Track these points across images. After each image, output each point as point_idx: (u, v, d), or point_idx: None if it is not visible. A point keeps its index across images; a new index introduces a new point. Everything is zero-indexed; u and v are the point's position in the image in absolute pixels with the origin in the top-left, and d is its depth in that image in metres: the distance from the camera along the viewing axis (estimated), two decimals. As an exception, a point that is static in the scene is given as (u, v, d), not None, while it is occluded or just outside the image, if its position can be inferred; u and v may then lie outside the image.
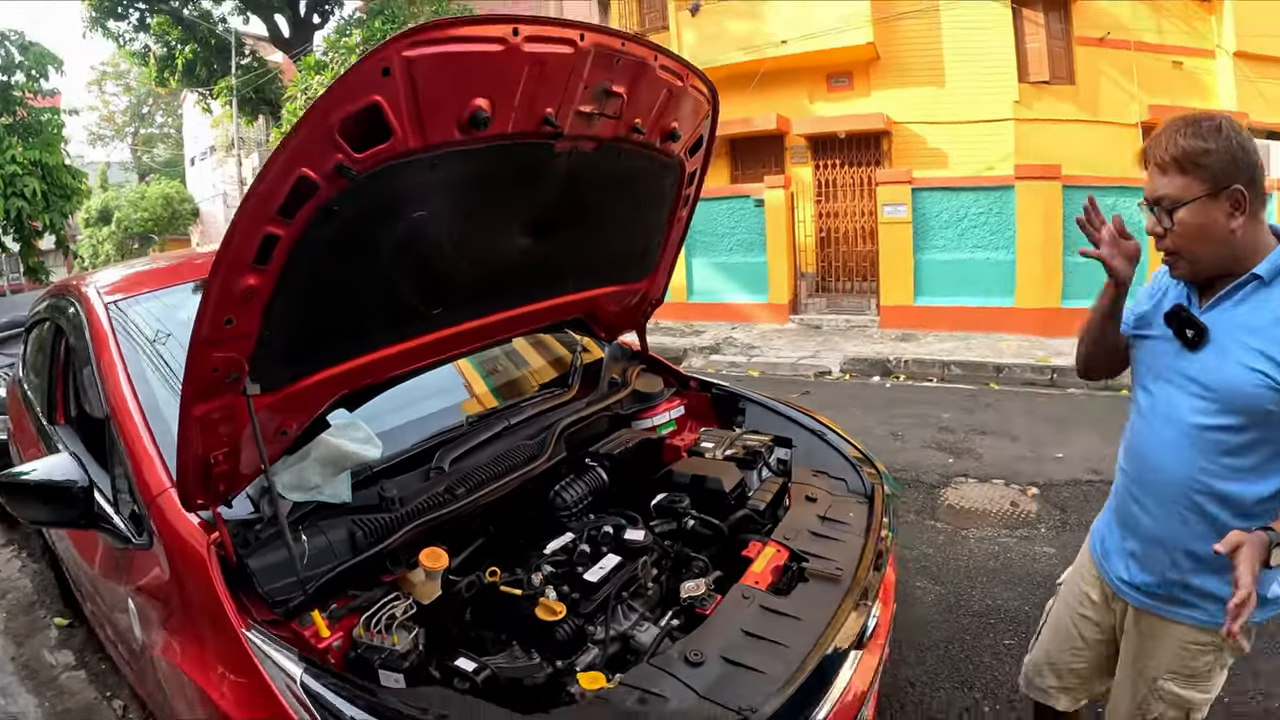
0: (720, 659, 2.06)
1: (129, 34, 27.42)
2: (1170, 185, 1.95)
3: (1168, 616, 2.16)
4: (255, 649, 1.90)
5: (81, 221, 39.40)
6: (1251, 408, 1.90)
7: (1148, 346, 2.20)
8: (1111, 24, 16.28)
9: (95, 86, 53.13)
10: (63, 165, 14.07)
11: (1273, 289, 1.94)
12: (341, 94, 1.73)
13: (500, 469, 2.76)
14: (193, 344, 1.83)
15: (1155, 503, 2.12)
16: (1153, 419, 2.13)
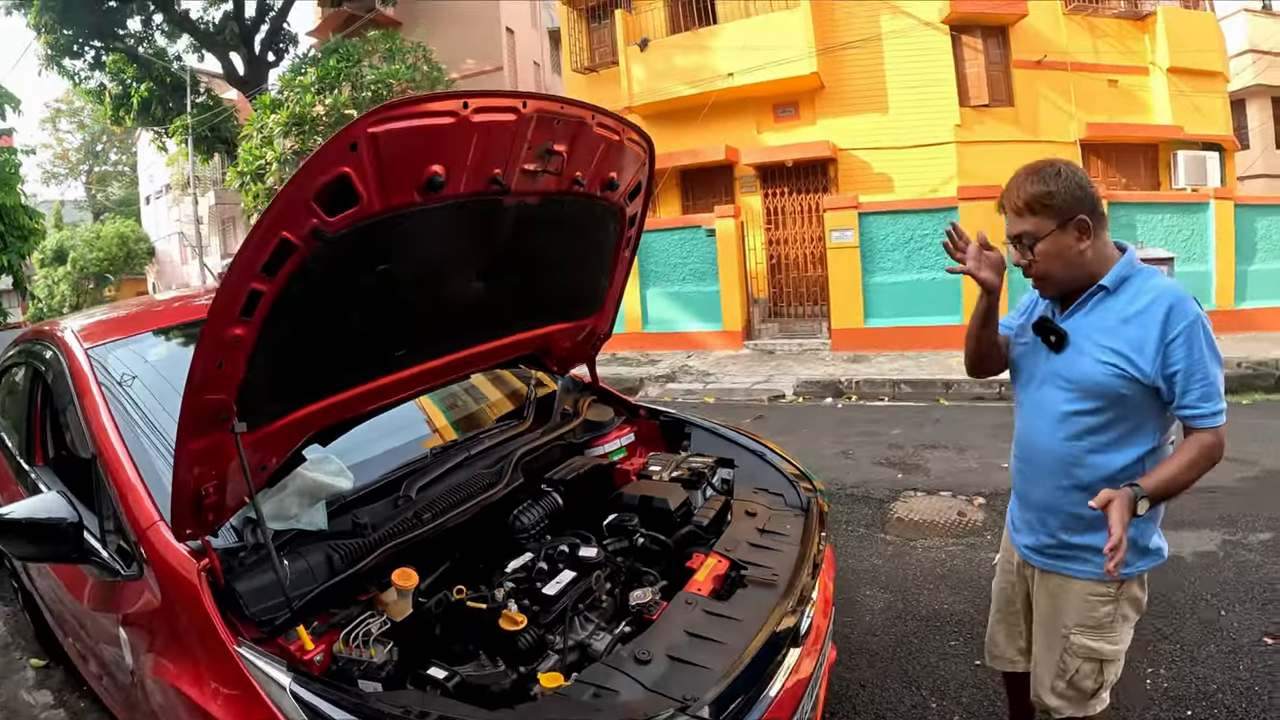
0: (666, 657, 2.29)
1: (84, 72, 27.44)
2: (1026, 224, 2.35)
3: (1067, 574, 2.53)
4: (247, 663, 2.08)
5: (37, 261, 38.94)
6: (1106, 393, 2.35)
7: (1023, 353, 2.64)
8: (1048, 47, 16.94)
9: (49, 124, 52.87)
10: (20, 205, 13.99)
11: (1116, 296, 2.39)
12: (316, 167, 1.98)
13: (462, 496, 2.98)
14: (188, 387, 2.04)
15: (1041, 477, 2.55)
16: (1032, 411, 2.58)
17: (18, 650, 5.07)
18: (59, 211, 45.95)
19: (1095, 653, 2.51)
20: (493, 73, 26.72)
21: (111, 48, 26.81)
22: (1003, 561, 2.92)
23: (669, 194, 19.45)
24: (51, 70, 26.49)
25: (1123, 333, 2.33)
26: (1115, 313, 2.37)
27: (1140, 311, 2.32)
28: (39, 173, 54.01)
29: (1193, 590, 4.63)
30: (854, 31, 17.23)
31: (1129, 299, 2.36)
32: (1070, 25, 17.13)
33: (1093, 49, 17.24)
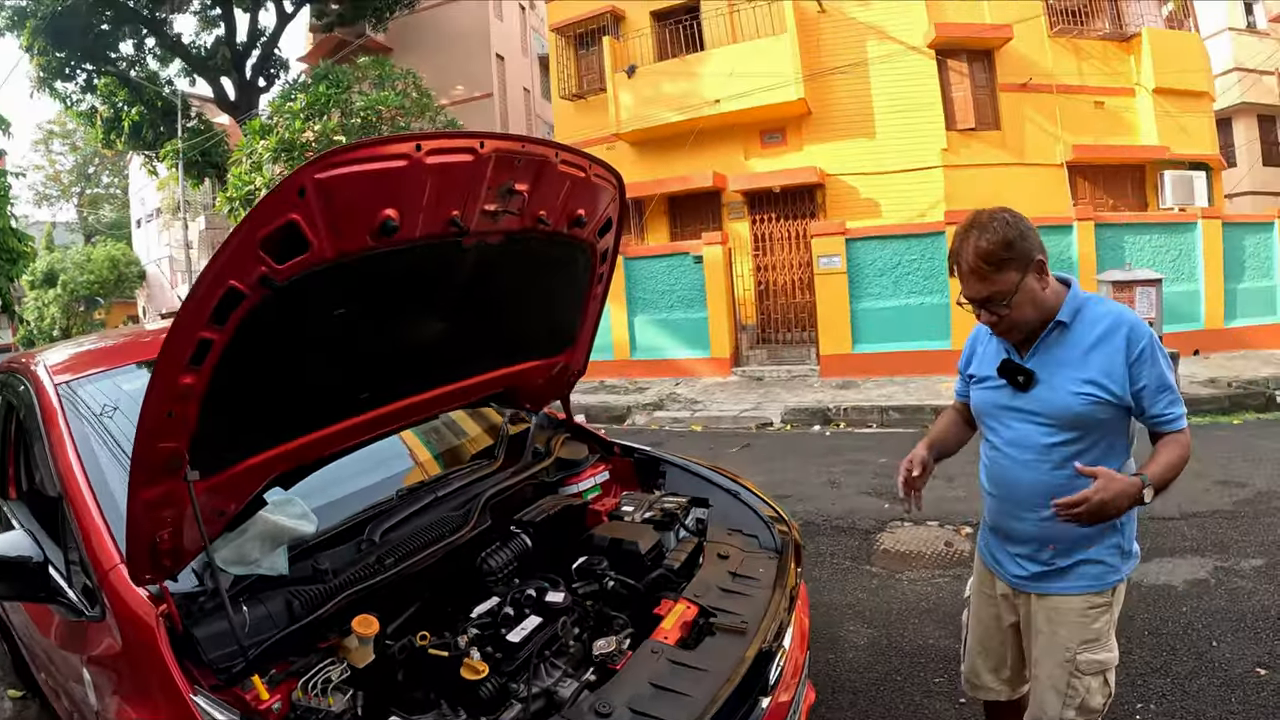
0: (628, 710, 2.23)
1: (76, 94, 27.45)
2: (995, 285, 2.39)
3: (1066, 593, 2.55)
4: (201, 711, 2.05)
5: (26, 284, 38.85)
6: (1085, 421, 2.43)
7: (986, 394, 2.69)
8: (1033, 69, 17.02)
9: (42, 145, 52.97)
10: (9, 229, 14.03)
11: (1073, 328, 2.47)
12: (262, 214, 1.95)
13: (427, 539, 2.93)
14: (138, 435, 2.01)
15: (1026, 510, 2.57)
16: (1007, 448, 2.60)
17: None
18: (50, 233, 45.92)
19: (1101, 664, 2.55)
20: (482, 99, 26.87)
21: (103, 71, 26.85)
22: (978, 592, 2.93)
23: (657, 221, 19.50)
24: (43, 92, 26.48)
25: (1091, 361, 2.42)
26: (1076, 344, 2.46)
27: (1100, 338, 2.42)
28: (31, 194, 54.11)
29: (1184, 621, 4.55)
30: (840, 57, 17.35)
31: (1086, 328, 2.45)
32: (1055, 48, 17.23)
33: (1078, 71, 17.33)
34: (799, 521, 6.56)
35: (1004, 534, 2.71)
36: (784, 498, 7.37)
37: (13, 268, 14.19)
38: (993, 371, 2.62)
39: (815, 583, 5.47)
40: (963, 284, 2.47)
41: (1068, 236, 13.31)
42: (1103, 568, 2.53)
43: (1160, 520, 5.95)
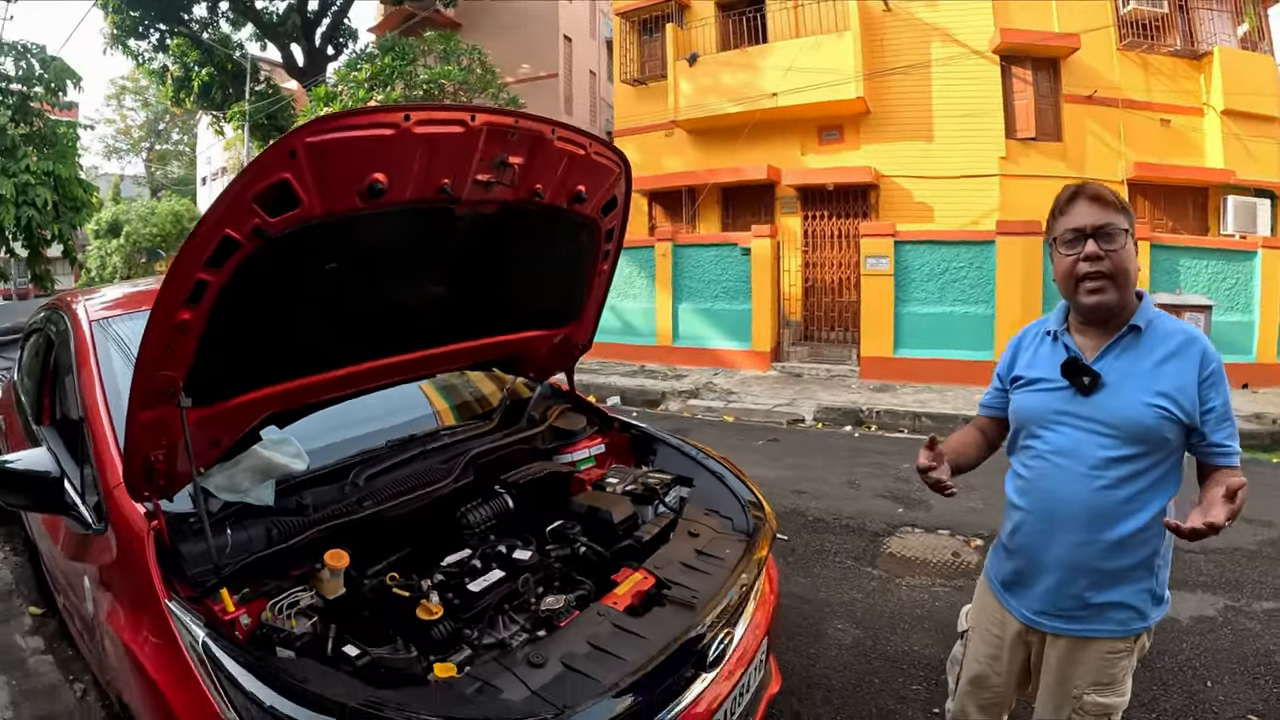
0: (560, 664, 2.35)
1: (148, 53, 28.03)
2: (1115, 217, 2.23)
3: (1087, 635, 2.37)
4: (173, 616, 2.27)
5: (91, 233, 39.89)
6: (1152, 437, 2.22)
7: (1037, 397, 2.44)
8: (1099, 82, 16.61)
9: (114, 100, 54.14)
10: (75, 178, 14.34)
11: (1146, 335, 2.29)
12: (256, 172, 2.11)
13: (408, 487, 3.09)
14: (138, 363, 2.22)
15: (1069, 532, 2.33)
16: (1055, 457, 2.36)
17: (19, 598, 5.40)
18: (117, 186, 46.89)
19: (1107, 709, 2.42)
20: (547, 79, 26.93)
21: (176, 31, 27.36)
22: (980, 629, 2.71)
23: (709, 210, 19.53)
24: (116, 49, 27.09)
25: (1163, 374, 2.24)
26: (1148, 354, 2.28)
27: (1174, 352, 2.26)
28: (101, 146, 55.53)
29: (1182, 657, 4.38)
30: (903, 57, 17.16)
31: (1158, 340, 2.29)
32: (1123, 61, 16.79)
33: (1145, 87, 16.85)
34: (810, 518, 6.72)
35: (1031, 560, 2.45)
36: (800, 493, 7.50)
37: (76, 215, 14.50)
38: (1049, 372, 2.40)
39: (813, 578, 5.51)
40: (1073, 215, 2.28)
41: None
42: (1130, 613, 2.35)
43: (1176, 552, 5.67)
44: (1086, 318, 2.37)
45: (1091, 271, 2.24)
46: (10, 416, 5.33)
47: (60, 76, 14.07)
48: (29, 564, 5.54)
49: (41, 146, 13.94)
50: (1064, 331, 2.43)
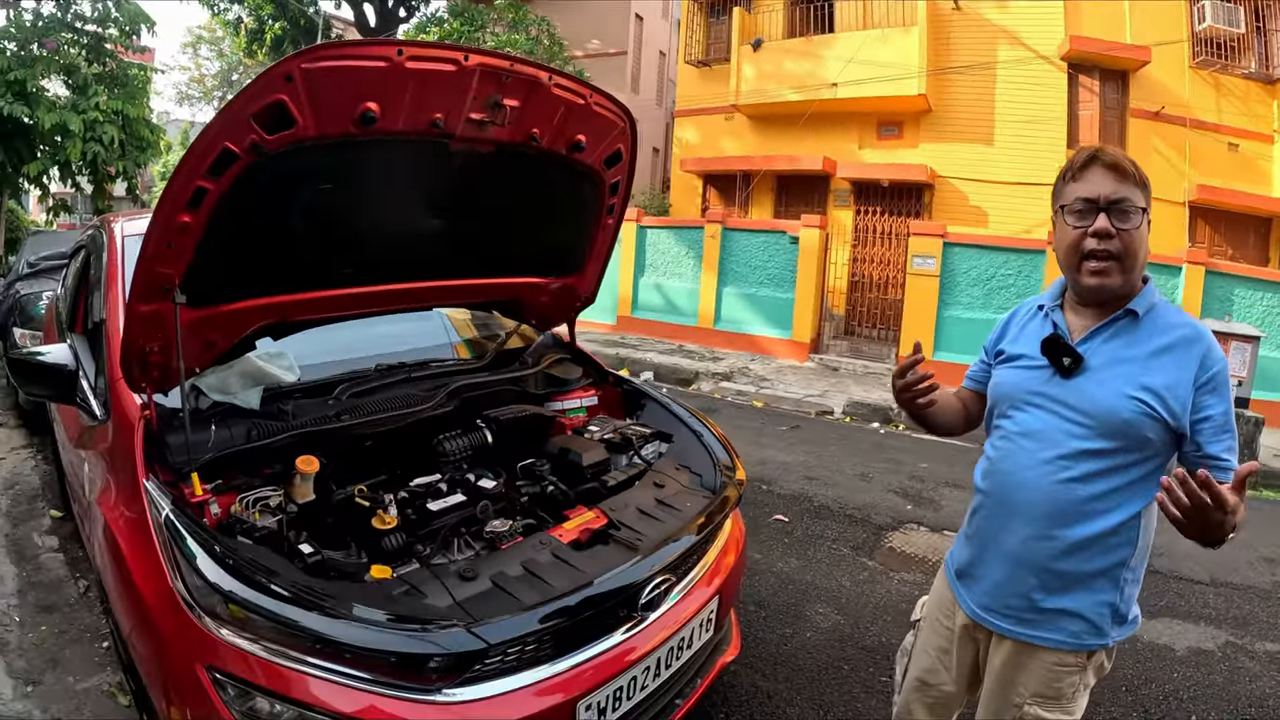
0: (489, 581, 2.48)
1: (224, 3, 28.44)
2: (1132, 192, 2.02)
3: (1033, 642, 2.18)
4: (146, 492, 2.48)
5: (157, 174, 40.73)
6: (1128, 433, 2.02)
7: (1014, 374, 2.28)
8: (1168, 98, 16.22)
9: (191, 48, 55.05)
10: (143, 119, 14.69)
11: (1143, 323, 2.09)
12: (254, 91, 2.26)
13: (385, 407, 3.23)
14: (139, 258, 2.42)
15: (1022, 522, 2.16)
16: (1021, 441, 2.19)
17: (43, 501, 5.86)
18: (187, 131, 47.52)
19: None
20: (616, 56, 26.99)
21: None
22: (932, 619, 2.56)
23: (762, 196, 19.54)
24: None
25: (1155, 368, 2.04)
26: (1142, 343, 2.08)
27: (1170, 346, 2.05)
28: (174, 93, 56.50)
29: (1170, 687, 4.25)
30: (968, 57, 16.98)
31: (1156, 330, 2.09)
32: (1194, 80, 16.32)
33: (1215, 108, 16.37)
34: (815, 504, 6.79)
35: (984, 548, 2.29)
36: (811, 479, 7.58)
37: (142, 155, 14.87)
38: (1031, 349, 2.23)
39: (805, 561, 5.57)
40: (1087, 181, 2.06)
41: (1175, 278, 12.64)
42: (1084, 626, 2.14)
43: (1187, 582, 5.69)
44: (1083, 298, 2.18)
45: (1099, 250, 2.04)
46: (50, 330, 5.77)
47: (134, 20, 14.41)
48: (56, 471, 5.89)
49: (113, 87, 14.28)
50: (1055, 308, 2.26)
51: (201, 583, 2.21)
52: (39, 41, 13.09)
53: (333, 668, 2.14)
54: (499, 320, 4.56)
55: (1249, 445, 9.38)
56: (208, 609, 2.22)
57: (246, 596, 2.14)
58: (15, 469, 6.64)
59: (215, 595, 2.19)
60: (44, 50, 13.02)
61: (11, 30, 13.33)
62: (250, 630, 2.18)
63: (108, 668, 3.75)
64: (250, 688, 2.14)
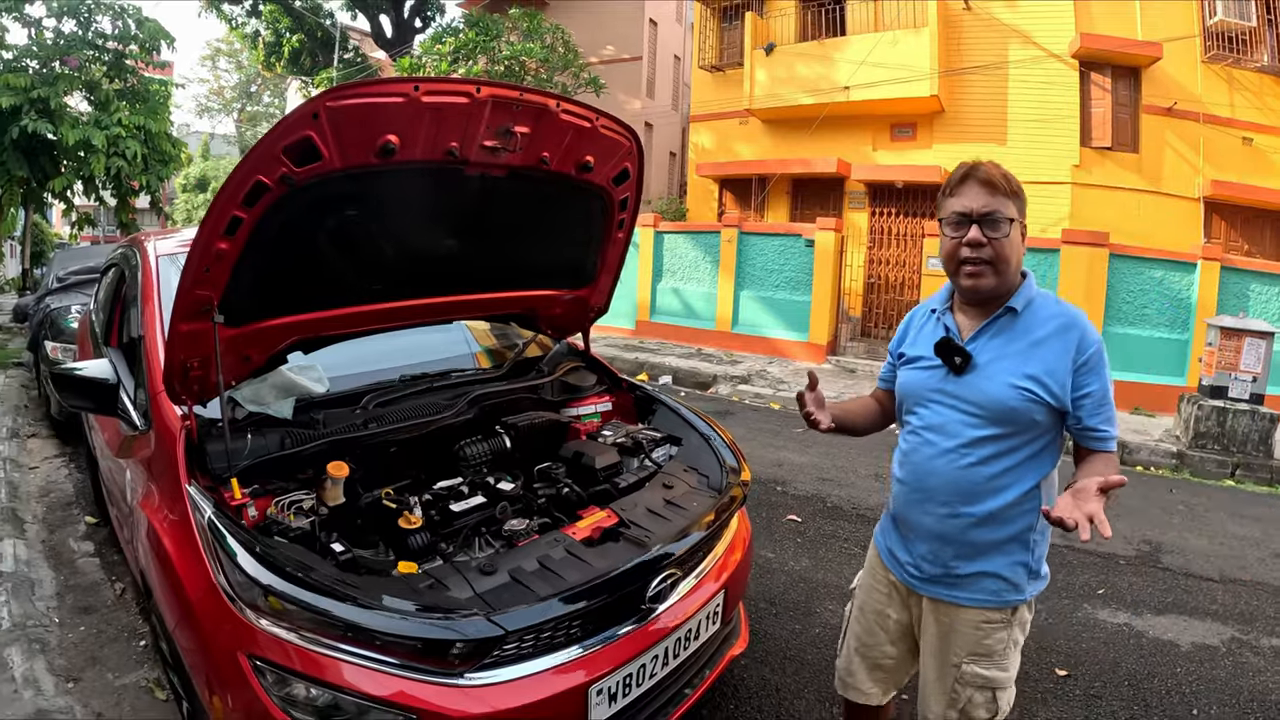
0: (507, 574, 2.69)
1: (241, 18, 28.96)
2: (1003, 204, 2.24)
3: (960, 602, 2.41)
4: (189, 497, 2.68)
5: (179, 186, 41.44)
6: (1017, 418, 2.26)
7: (915, 375, 2.50)
8: (1180, 94, 16.16)
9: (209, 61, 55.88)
10: (165, 133, 14.97)
11: (1023, 317, 2.32)
12: (283, 129, 2.47)
13: (410, 415, 3.45)
14: (180, 282, 2.64)
15: (936, 505, 2.39)
16: (927, 435, 2.42)
17: (78, 508, 6.11)
18: (207, 143, 48.33)
19: (988, 681, 2.42)
20: (631, 62, 27.09)
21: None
22: (867, 587, 2.78)
23: (778, 200, 19.63)
24: (211, 13, 28.18)
25: (1035, 356, 2.26)
26: (1023, 335, 2.31)
27: (1050, 335, 2.27)
28: (193, 105, 57.69)
29: (1172, 681, 4.31)
30: (980, 57, 17.00)
31: (1036, 322, 2.30)
32: (1207, 74, 16.20)
33: (1228, 102, 16.25)
34: (828, 504, 6.91)
35: (906, 527, 2.54)
36: (825, 480, 7.68)
37: (164, 168, 15.12)
38: (927, 350, 2.45)
39: (816, 560, 5.68)
40: (962, 197, 2.29)
41: (1189, 275, 12.64)
42: (1003, 584, 2.37)
43: (1196, 579, 5.76)
44: (966, 298, 2.42)
45: (972, 256, 2.27)
46: (84, 345, 6.01)
47: (154, 36, 14.70)
48: (90, 479, 6.08)
49: (134, 102, 14.59)
50: (946, 311, 2.49)
51: (243, 578, 2.40)
52: (61, 59, 13.36)
53: (363, 654, 2.32)
54: (516, 330, 4.76)
55: (1264, 442, 9.51)
56: (249, 602, 2.41)
57: (285, 589, 2.32)
58: (49, 477, 6.92)
59: (256, 589, 2.37)
60: (66, 68, 13.31)
61: (34, 49, 13.66)
62: (288, 620, 2.36)
63: (145, 664, 3.95)
64: (288, 673, 2.32)
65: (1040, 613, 4.97)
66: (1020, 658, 2.52)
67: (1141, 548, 6.34)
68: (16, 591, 4.47)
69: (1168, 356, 12.65)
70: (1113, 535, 2.20)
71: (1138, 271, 12.84)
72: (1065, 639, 4.69)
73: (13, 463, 6.88)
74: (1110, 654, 4.56)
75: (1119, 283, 12.86)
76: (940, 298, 2.55)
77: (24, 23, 14.17)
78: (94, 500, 5.95)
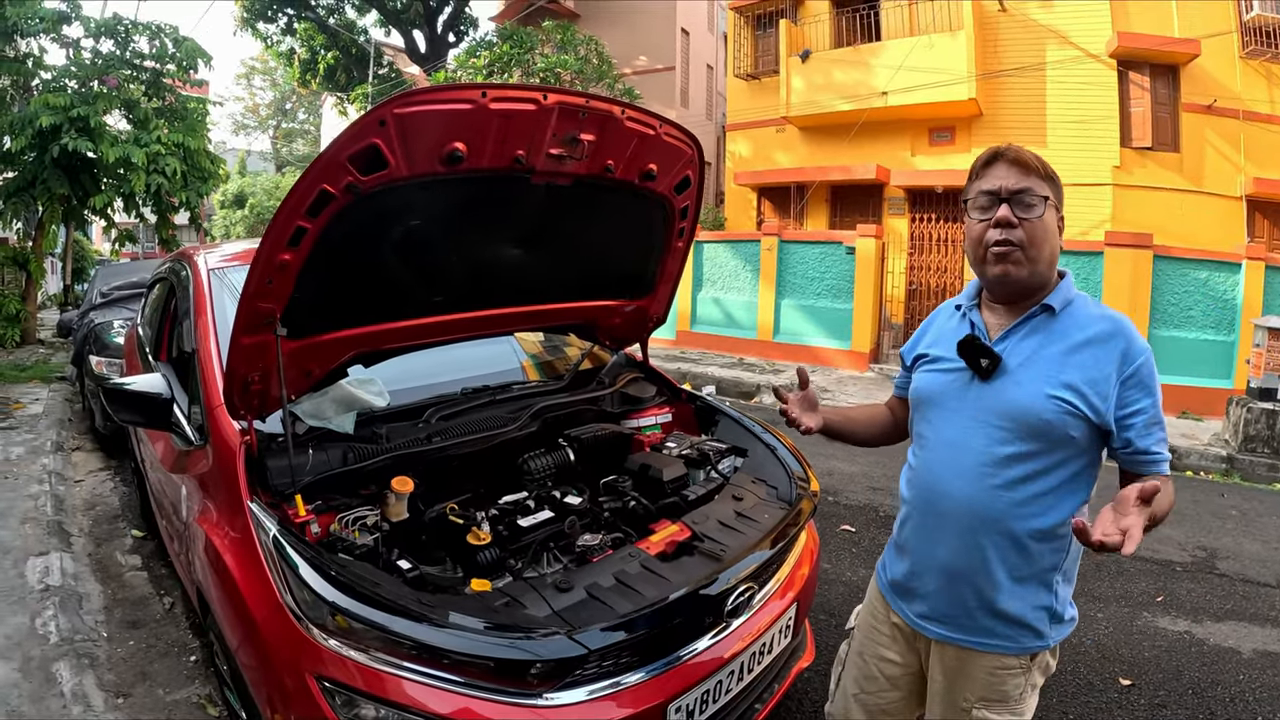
0: (584, 591, 2.60)
1: (276, 36, 29.44)
2: (1035, 183, 1.96)
3: (973, 648, 2.12)
4: (252, 514, 2.64)
5: (217, 202, 42.00)
6: (1052, 433, 1.95)
7: (933, 378, 2.22)
8: (1220, 91, 15.97)
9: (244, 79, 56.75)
10: (203, 150, 15.10)
11: (1060, 319, 2.02)
12: (350, 137, 2.42)
13: (473, 429, 3.38)
14: (243, 294, 2.59)
15: (952, 534, 2.09)
16: (943, 450, 2.13)
17: (124, 521, 6.12)
18: (244, 160, 48.90)
19: None
20: (664, 71, 27.15)
21: (303, 16, 28.92)
22: (866, 625, 2.49)
23: (817, 207, 19.57)
24: (246, 31, 28.66)
25: (1074, 364, 1.97)
26: (1060, 339, 2.01)
27: (1090, 341, 1.98)
28: (230, 122, 58.84)
29: (1236, 689, 4.20)
30: (1016, 59, 16.92)
31: (1075, 325, 2.01)
32: (1246, 70, 15.99)
33: (1268, 98, 16.00)
34: (881, 514, 6.85)
35: (914, 558, 2.23)
36: (876, 490, 7.65)
37: (203, 185, 15.24)
38: (949, 351, 2.15)
39: (871, 570, 5.49)
40: (987, 178, 2.03)
41: (1234, 275, 12.34)
42: (1022, 630, 2.07)
43: (1253, 585, 5.66)
44: (994, 292, 2.12)
45: (1001, 238, 1.98)
46: (132, 359, 5.99)
47: (191, 55, 14.81)
48: (136, 492, 6.17)
49: (172, 120, 14.70)
50: (973, 307, 2.19)
51: (310, 597, 2.34)
52: (100, 79, 13.49)
53: (437, 674, 2.25)
54: (565, 341, 4.73)
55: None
56: (316, 621, 2.36)
57: (357, 609, 2.27)
58: (95, 490, 6.97)
59: (324, 608, 2.32)
60: (105, 87, 13.43)
61: (72, 69, 13.83)
62: (358, 640, 2.30)
63: (196, 680, 3.92)
64: (358, 695, 2.26)
65: (1101, 621, 4.91)
66: (1039, 699, 2.22)
67: (1197, 554, 6.23)
68: (64, 605, 4.46)
69: (1214, 359, 12.40)
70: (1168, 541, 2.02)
71: (1182, 273, 12.58)
72: (1127, 648, 4.61)
73: (58, 476, 6.90)
74: (1172, 662, 4.48)
75: (1163, 285, 12.61)
76: (968, 293, 2.24)
77: (62, 43, 14.37)
78: (140, 513, 5.99)
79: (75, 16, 13.80)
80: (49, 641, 4.07)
